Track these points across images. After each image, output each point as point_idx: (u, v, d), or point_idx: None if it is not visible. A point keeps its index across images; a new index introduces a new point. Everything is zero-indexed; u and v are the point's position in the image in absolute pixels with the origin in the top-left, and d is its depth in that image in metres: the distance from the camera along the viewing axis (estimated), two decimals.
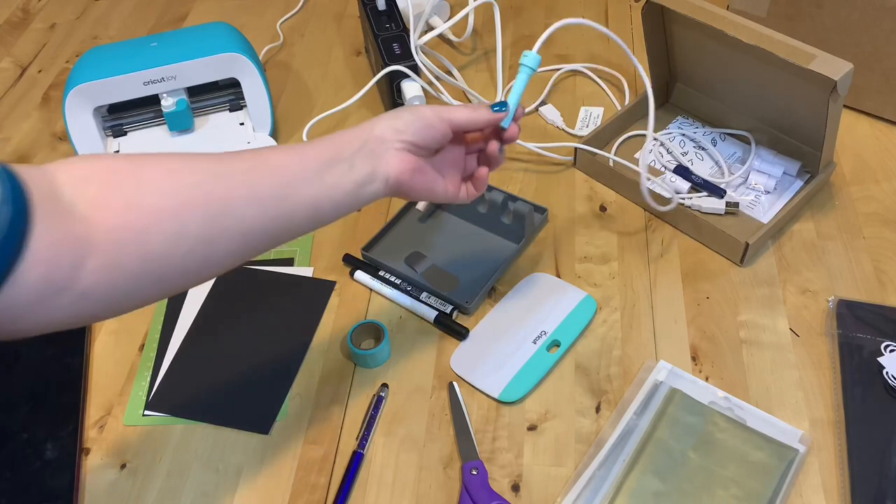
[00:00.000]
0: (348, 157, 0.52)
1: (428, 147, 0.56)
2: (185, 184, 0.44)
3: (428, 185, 0.57)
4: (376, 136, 0.54)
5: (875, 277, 0.70)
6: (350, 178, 0.52)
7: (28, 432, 0.62)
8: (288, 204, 0.49)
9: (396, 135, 0.54)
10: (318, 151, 0.52)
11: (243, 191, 0.47)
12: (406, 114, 0.55)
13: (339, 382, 0.65)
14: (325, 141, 0.53)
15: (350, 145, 0.53)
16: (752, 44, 0.67)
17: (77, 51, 1.05)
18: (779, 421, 0.60)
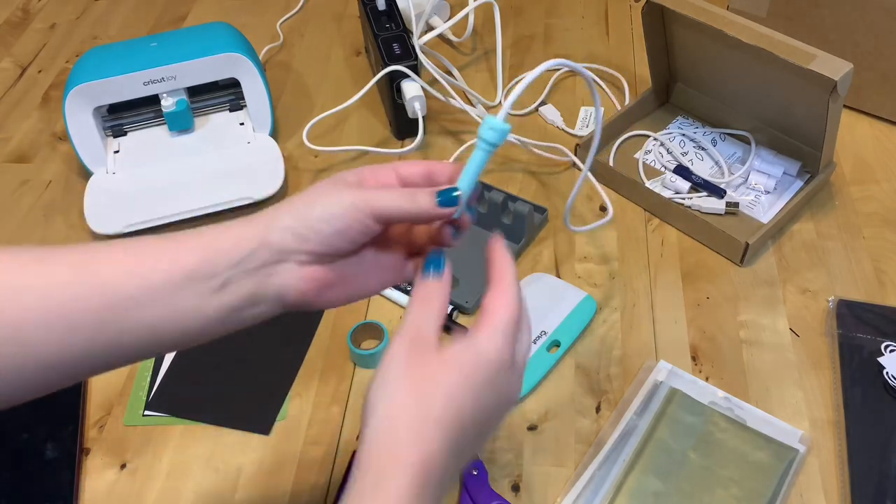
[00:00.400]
0: (221, 272, 0.39)
1: (344, 251, 0.41)
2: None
3: (345, 296, 0.43)
4: (271, 245, 0.40)
5: (875, 277, 0.70)
6: (218, 302, 0.39)
7: (28, 432, 0.62)
8: (111, 332, 0.38)
9: (300, 243, 0.40)
10: (173, 261, 0.38)
11: (42, 313, 0.36)
12: (315, 209, 0.40)
13: (339, 382, 0.65)
14: (190, 242, 0.39)
15: (227, 256, 0.39)
16: (752, 44, 0.67)
17: (77, 51, 1.05)
18: (779, 421, 0.60)
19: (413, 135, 0.85)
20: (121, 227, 0.77)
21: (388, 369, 0.37)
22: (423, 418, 0.35)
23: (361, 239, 0.41)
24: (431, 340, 0.38)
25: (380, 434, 0.36)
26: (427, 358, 0.37)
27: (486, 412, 0.38)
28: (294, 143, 0.87)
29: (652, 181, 0.79)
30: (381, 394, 0.37)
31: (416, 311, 0.40)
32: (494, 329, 0.38)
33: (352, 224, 0.40)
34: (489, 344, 0.38)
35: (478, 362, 0.37)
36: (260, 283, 0.40)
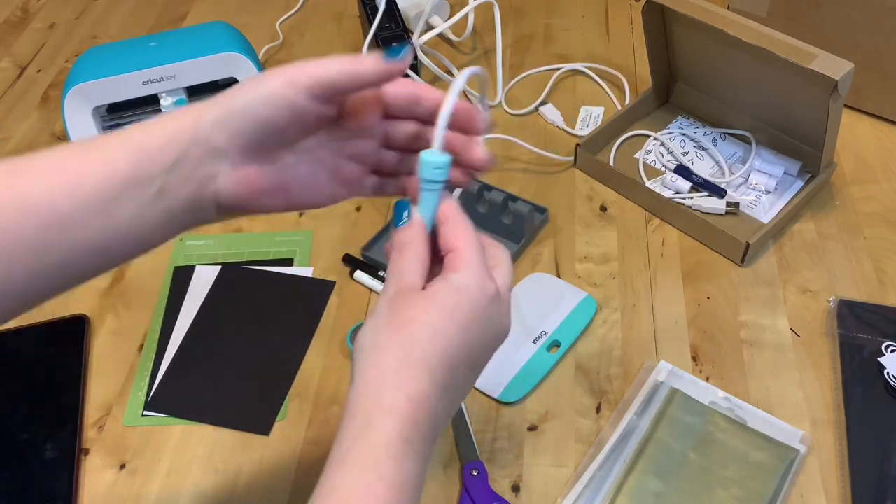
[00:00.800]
0: (155, 177, 0.36)
1: (287, 140, 0.39)
2: None
3: (287, 202, 0.41)
4: (201, 142, 0.37)
5: (875, 277, 0.69)
6: (158, 209, 0.37)
7: (27, 432, 0.62)
8: (53, 255, 0.35)
9: (231, 139, 0.37)
10: (104, 171, 0.36)
11: None
12: (247, 96, 0.37)
13: (339, 382, 0.65)
14: (122, 147, 0.37)
15: (159, 159, 0.36)
16: (752, 43, 0.67)
17: (76, 50, 1.05)
18: (779, 421, 0.60)
19: None
20: None
21: (373, 318, 0.37)
22: (408, 359, 0.35)
23: (297, 127, 0.38)
24: (414, 285, 0.37)
25: (366, 378, 0.35)
26: (409, 302, 0.36)
27: (475, 346, 0.37)
28: None
29: (652, 181, 0.79)
30: (365, 339, 0.36)
31: (394, 261, 0.38)
32: (469, 262, 0.37)
33: (284, 107, 0.36)
34: (468, 278, 0.37)
35: (459, 297, 0.36)
36: (197, 188, 0.38)
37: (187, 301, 0.72)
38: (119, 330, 0.70)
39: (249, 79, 0.38)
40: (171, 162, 0.37)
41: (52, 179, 0.35)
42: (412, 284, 0.37)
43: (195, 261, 0.75)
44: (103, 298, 0.73)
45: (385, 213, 0.79)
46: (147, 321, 0.71)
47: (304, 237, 0.77)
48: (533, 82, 0.93)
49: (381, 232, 0.75)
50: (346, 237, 0.77)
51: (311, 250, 0.76)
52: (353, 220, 0.79)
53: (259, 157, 0.38)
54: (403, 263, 0.38)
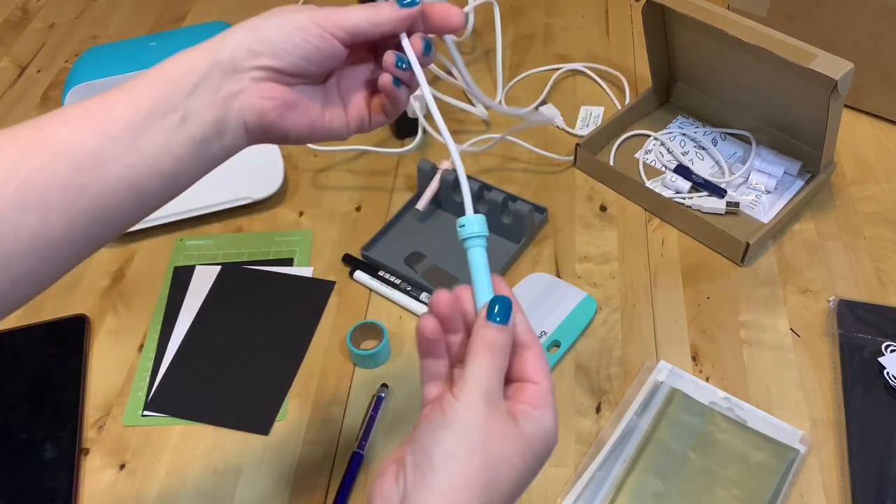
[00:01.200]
0: (179, 103, 0.37)
1: (306, 73, 0.40)
2: None
3: (308, 122, 0.42)
4: (222, 62, 0.38)
5: (876, 277, 0.69)
6: (184, 136, 0.38)
7: (27, 432, 0.62)
8: (88, 197, 0.36)
9: (253, 58, 0.38)
10: (127, 106, 0.37)
11: (9, 195, 0.34)
12: (272, 23, 0.39)
13: (339, 382, 0.65)
14: (143, 83, 0.38)
15: (180, 86, 0.38)
16: (752, 43, 0.67)
17: (76, 50, 1.05)
18: (779, 421, 0.60)
19: (413, 134, 0.85)
20: None
21: (469, 429, 0.35)
22: (494, 498, 0.35)
23: (326, 61, 0.40)
24: (503, 405, 0.37)
25: (450, 499, 0.34)
26: (505, 429, 0.36)
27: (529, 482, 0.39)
28: None
29: (652, 181, 0.79)
30: (458, 453, 0.35)
31: (485, 362, 0.37)
32: (550, 404, 0.38)
33: (313, 38, 0.39)
34: (551, 424, 0.38)
35: (544, 447, 0.38)
36: (221, 108, 0.38)
37: (187, 301, 0.72)
38: (119, 330, 0.70)
39: (276, 10, 0.40)
40: (191, 86, 0.37)
41: (77, 121, 0.36)
42: (505, 410, 0.37)
43: (195, 261, 0.75)
44: (103, 298, 0.73)
45: (385, 213, 0.79)
46: (147, 321, 0.71)
47: (304, 237, 0.77)
48: (533, 82, 0.93)
49: (380, 232, 0.75)
50: (346, 237, 0.77)
51: (311, 250, 0.76)
52: (353, 220, 0.79)
53: (280, 80, 0.40)
54: (497, 375, 0.37)
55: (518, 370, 0.39)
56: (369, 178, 0.83)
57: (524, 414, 0.37)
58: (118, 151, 0.36)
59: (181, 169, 0.38)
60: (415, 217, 0.78)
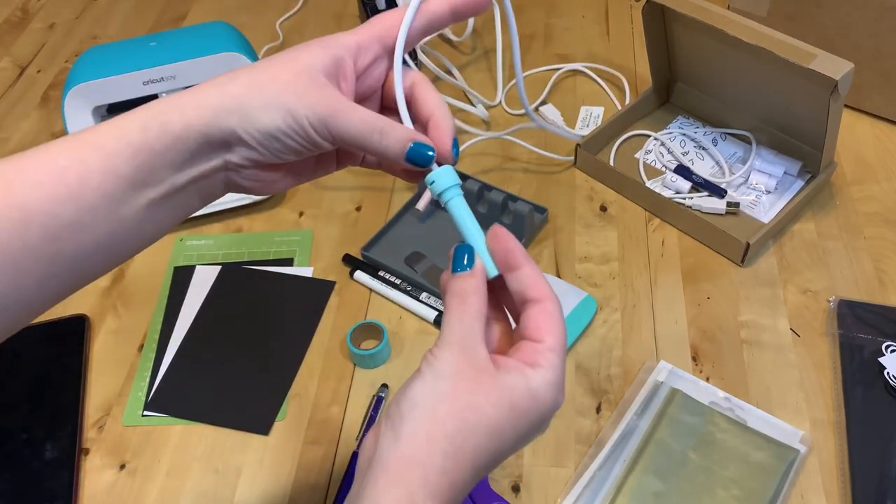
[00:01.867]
0: (165, 177, 0.36)
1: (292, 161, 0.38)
2: None
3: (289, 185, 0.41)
4: (213, 142, 0.36)
5: (876, 277, 0.69)
6: (168, 206, 0.37)
7: (27, 433, 0.62)
8: (62, 261, 0.34)
9: (243, 148, 0.36)
10: (106, 174, 0.34)
11: None
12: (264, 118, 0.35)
13: (339, 382, 0.65)
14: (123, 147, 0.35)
15: (166, 158, 0.35)
16: (752, 43, 0.67)
17: (76, 50, 1.05)
18: (779, 421, 0.60)
19: None
20: None
21: (436, 375, 0.34)
22: (461, 448, 0.33)
23: (311, 154, 0.38)
24: (480, 351, 0.35)
25: (415, 443, 0.33)
26: (480, 384, 0.34)
27: (519, 445, 0.36)
28: None
29: (652, 181, 0.79)
30: (422, 396, 0.34)
31: (458, 313, 0.36)
32: (552, 367, 0.35)
33: (303, 144, 0.36)
34: (547, 388, 0.35)
35: (531, 405, 0.35)
36: (207, 181, 0.37)
37: (187, 301, 0.72)
38: (119, 330, 0.70)
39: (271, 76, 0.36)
40: (178, 162, 0.36)
41: (50, 187, 0.34)
42: (483, 357, 0.35)
43: (195, 261, 0.75)
44: (103, 298, 0.73)
45: (385, 213, 0.79)
46: (147, 321, 0.71)
47: (304, 237, 0.77)
48: (533, 82, 0.93)
49: (380, 232, 0.75)
50: (346, 237, 0.77)
51: (311, 250, 0.76)
52: (353, 219, 0.79)
53: (270, 167, 0.38)
54: (469, 321, 0.35)
55: (522, 328, 0.37)
56: (369, 178, 0.83)
57: (508, 366, 0.35)
58: (97, 221, 0.34)
59: (161, 229, 0.38)
60: (415, 217, 0.78)
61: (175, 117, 0.35)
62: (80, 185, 0.34)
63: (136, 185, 0.35)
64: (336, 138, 0.37)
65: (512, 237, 0.38)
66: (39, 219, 0.33)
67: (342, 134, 0.36)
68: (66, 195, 0.34)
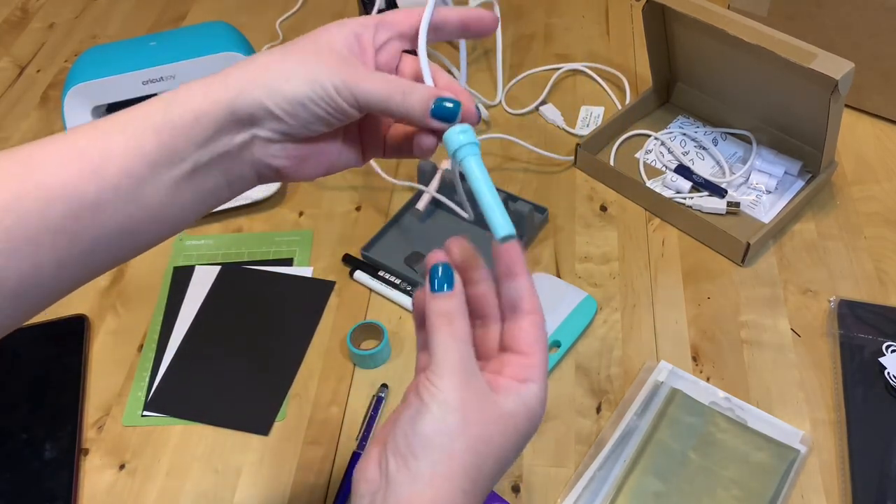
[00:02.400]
0: (189, 154, 0.35)
1: (319, 133, 0.38)
2: None
3: (325, 169, 0.40)
4: (239, 117, 0.35)
5: (876, 277, 0.69)
6: (192, 187, 0.36)
7: (27, 433, 0.62)
8: (82, 243, 0.34)
9: (270, 120, 0.36)
10: (128, 151, 0.34)
11: None
12: (290, 86, 0.35)
13: (339, 382, 0.65)
14: (146, 124, 0.34)
15: (190, 135, 0.35)
16: (753, 43, 0.67)
17: (76, 50, 1.05)
18: (780, 421, 0.60)
19: None
20: None
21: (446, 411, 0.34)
22: (477, 481, 0.34)
23: (338, 124, 0.37)
24: (479, 377, 0.35)
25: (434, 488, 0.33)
26: (483, 407, 0.35)
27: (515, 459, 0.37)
28: None
29: (652, 181, 0.79)
30: (439, 441, 0.34)
31: (447, 335, 0.35)
32: (543, 384, 0.37)
33: (329, 111, 0.36)
34: (538, 405, 0.36)
35: (528, 425, 0.36)
36: (233, 162, 0.36)
37: (187, 301, 0.71)
38: (119, 330, 0.70)
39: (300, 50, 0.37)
40: (202, 138, 0.35)
41: (72, 164, 0.33)
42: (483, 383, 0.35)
43: (195, 261, 0.75)
44: (103, 298, 0.73)
45: (385, 213, 0.79)
46: (147, 321, 0.71)
47: (304, 237, 0.77)
48: (533, 82, 0.93)
49: (380, 232, 0.75)
50: (346, 237, 0.77)
51: (311, 250, 0.76)
52: (353, 219, 0.78)
53: (296, 139, 0.38)
54: (463, 346, 0.35)
55: (509, 338, 0.38)
56: (369, 178, 0.83)
57: (506, 390, 0.36)
58: (118, 201, 0.34)
59: (186, 215, 0.37)
60: (415, 217, 0.78)
61: (199, 96, 0.35)
62: (102, 164, 0.33)
63: (159, 164, 0.34)
64: (361, 102, 0.36)
65: (518, 248, 0.39)
66: (60, 197, 0.33)
67: (367, 96, 0.36)
68: (88, 174, 0.33)
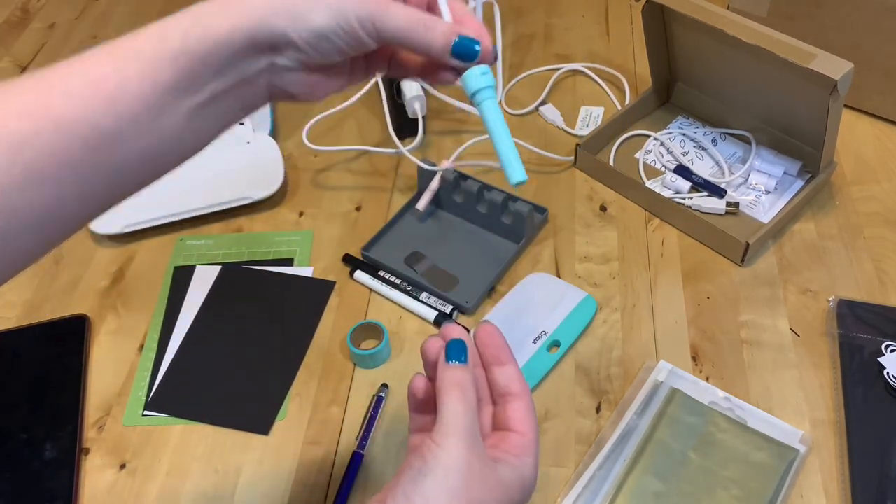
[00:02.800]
0: (206, 83, 0.35)
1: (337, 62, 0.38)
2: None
3: (330, 90, 0.41)
4: (258, 44, 0.35)
5: (876, 277, 0.69)
6: (209, 114, 0.36)
7: (27, 432, 0.62)
8: (103, 173, 0.34)
9: (290, 49, 0.36)
10: (145, 81, 0.34)
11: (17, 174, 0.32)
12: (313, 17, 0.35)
13: (339, 382, 0.65)
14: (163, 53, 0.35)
15: (208, 62, 0.34)
16: (752, 43, 0.67)
17: (76, 50, 1.04)
18: (779, 421, 0.60)
19: (413, 134, 0.85)
20: (119, 227, 0.76)
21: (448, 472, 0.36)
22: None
23: (354, 54, 0.38)
24: (482, 445, 0.38)
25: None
26: (483, 473, 0.37)
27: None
28: (294, 142, 0.87)
29: (652, 181, 0.79)
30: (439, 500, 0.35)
31: (458, 402, 0.38)
32: (536, 455, 0.41)
33: (351, 43, 0.36)
34: (533, 473, 0.40)
35: (519, 492, 0.39)
36: (248, 89, 0.37)
37: (188, 301, 0.72)
38: (119, 330, 0.70)
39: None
40: (220, 66, 0.35)
41: (90, 99, 0.33)
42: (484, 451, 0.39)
43: (195, 261, 0.75)
44: (103, 298, 0.73)
45: (385, 213, 0.79)
46: (147, 321, 0.71)
47: (304, 237, 0.77)
48: (533, 82, 0.93)
49: (381, 232, 0.75)
50: (346, 237, 0.77)
51: (311, 250, 0.76)
52: (353, 219, 0.79)
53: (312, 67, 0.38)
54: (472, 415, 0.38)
55: (504, 419, 0.42)
56: (369, 178, 0.83)
57: (505, 461, 0.39)
58: (137, 132, 0.34)
59: (202, 141, 0.37)
60: (415, 217, 0.78)
61: (218, 21, 0.35)
62: (120, 95, 0.33)
63: (176, 93, 0.34)
64: (382, 35, 0.36)
65: (501, 335, 0.43)
66: (78, 130, 0.32)
67: (389, 29, 0.36)
68: (105, 106, 0.33)
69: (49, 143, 0.32)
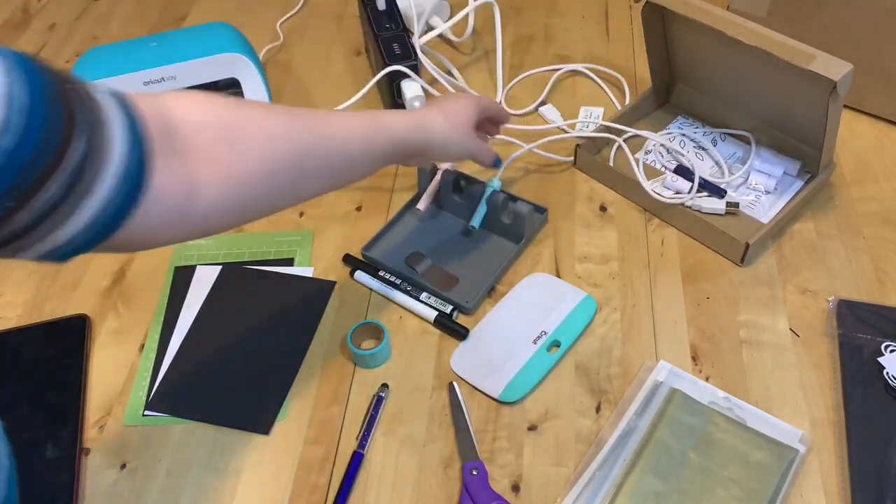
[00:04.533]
0: (394, 157, 0.61)
1: None
2: (281, 152, 0.50)
3: None
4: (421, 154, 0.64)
5: (875, 277, 0.70)
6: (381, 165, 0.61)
7: (28, 432, 0.62)
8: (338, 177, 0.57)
9: (433, 157, 0.67)
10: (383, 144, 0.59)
11: (326, 164, 0.54)
12: (449, 151, 0.66)
13: (339, 382, 0.65)
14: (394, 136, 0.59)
15: (401, 151, 0.61)
16: (752, 44, 0.67)
17: (77, 51, 1.05)
18: (779, 421, 0.60)
19: None
20: None
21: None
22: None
23: None
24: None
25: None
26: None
27: None
28: None
29: (652, 181, 0.79)
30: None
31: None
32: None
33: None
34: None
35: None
36: (403, 159, 0.63)
37: (188, 301, 0.72)
38: (120, 330, 0.70)
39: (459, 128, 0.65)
40: (403, 154, 0.62)
41: (355, 130, 0.56)
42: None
43: (195, 261, 0.75)
44: (104, 298, 0.73)
45: (385, 213, 0.79)
46: (148, 321, 0.71)
47: (304, 237, 0.77)
48: (533, 82, 0.93)
49: (381, 232, 0.75)
50: (346, 237, 0.77)
51: (311, 250, 0.76)
52: (353, 219, 0.79)
53: None
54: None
55: None
56: (370, 178, 0.83)
57: None
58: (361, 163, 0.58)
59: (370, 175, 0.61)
60: (415, 217, 0.78)
61: (417, 135, 0.61)
62: (370, 145, 0.57)
63: (384, 157, 0.59)
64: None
65: None
66: (348, 150, 0.55)
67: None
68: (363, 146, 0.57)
69: (326, 151, 0.54)
